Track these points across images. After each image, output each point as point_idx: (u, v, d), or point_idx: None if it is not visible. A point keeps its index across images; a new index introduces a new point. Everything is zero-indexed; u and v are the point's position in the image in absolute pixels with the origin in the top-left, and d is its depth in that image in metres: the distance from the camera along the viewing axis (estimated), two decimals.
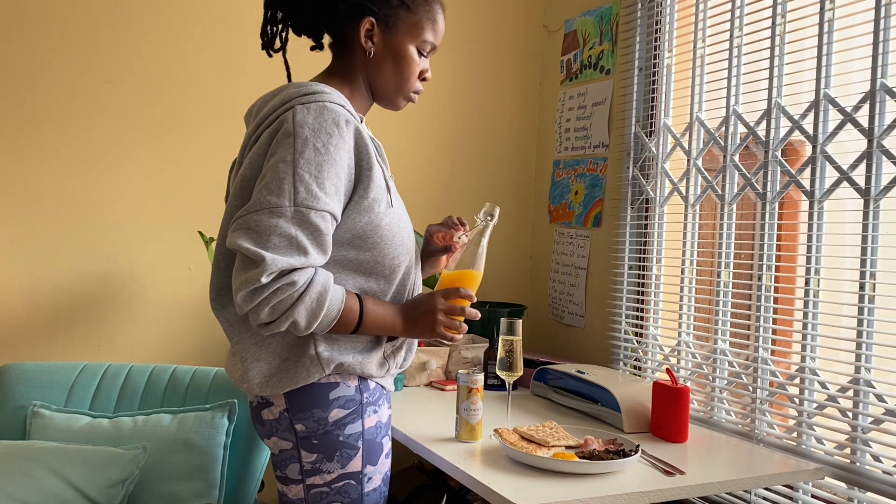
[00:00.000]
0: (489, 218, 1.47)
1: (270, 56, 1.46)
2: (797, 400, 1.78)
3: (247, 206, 1.25)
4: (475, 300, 1.42)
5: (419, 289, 1.48)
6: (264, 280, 1.20)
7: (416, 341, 1.49)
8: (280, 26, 1.43)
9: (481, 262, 1.45)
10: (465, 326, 1.41)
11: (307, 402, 1.34)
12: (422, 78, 1.46)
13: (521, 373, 1.73)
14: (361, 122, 1.43)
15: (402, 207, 1.42)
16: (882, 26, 1.62)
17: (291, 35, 1.46)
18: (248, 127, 1.42)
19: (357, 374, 1.37)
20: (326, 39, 1.48)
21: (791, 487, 1.78)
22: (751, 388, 1.89)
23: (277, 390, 1.34)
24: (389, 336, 1.41)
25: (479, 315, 1.42)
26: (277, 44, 1.45)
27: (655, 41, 2.29)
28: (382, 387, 1.43)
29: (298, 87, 1.33)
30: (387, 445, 1.43)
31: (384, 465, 1.42)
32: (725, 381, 1.99)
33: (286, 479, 1.40)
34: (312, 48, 1.48)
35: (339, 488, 1.37)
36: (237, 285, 1.23)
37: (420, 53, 1.43)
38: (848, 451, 1.66)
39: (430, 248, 1.59)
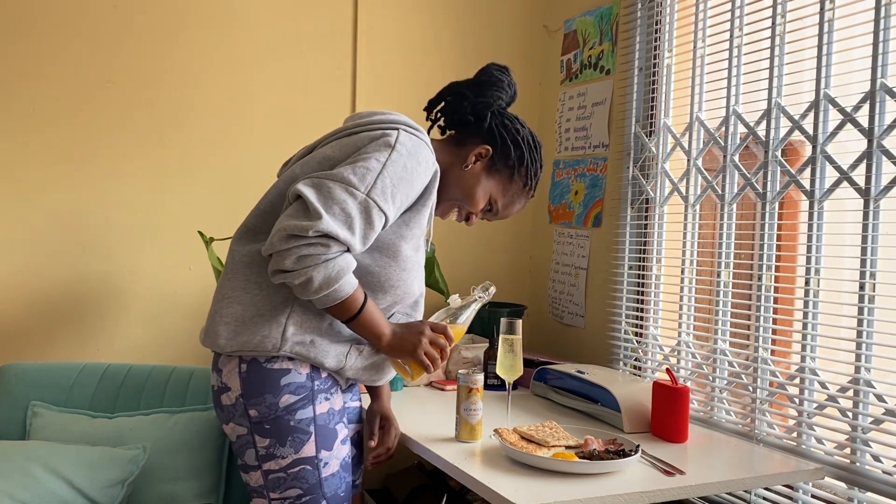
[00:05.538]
0: (483, 294, 1.63)
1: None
2: (797, 400, 1.78)
3: (327, 172, 1.36)
4: (454, 345, 1.57)
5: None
6: (310, 234, 1.30)
7: (385, 363, 1.54)
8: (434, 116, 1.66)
9: (467, 323, 1.60)
10: (440, 363, 1.52)
11: (260, 388, 1.41)
12: (466, 219, 1.63)
13: (521, 373, 1.74)
14: None
15: (423, 260, 1.54)
16: (882, 26, 1.62)
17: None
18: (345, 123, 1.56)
19: (310, 361, 1.43)
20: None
21: (791, 487, 1.78)
22: (751, 388, 1.89)
23: (234, 345, 1.40)
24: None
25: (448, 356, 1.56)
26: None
27: (655, 41, 2.29)
28: (335, 379, 1.49)
29: (409, 120, 1.51)
30: (342, 432, 1.49)
31: (341, 450, 1.48)
32: (725, 381, 1.99)
33: (246, 466, 1.46)
34: (442, 131, 1.69)
35: (296, 473, 1.42)
36: (282, 225, 1.31)
37: (487, 206, 1.61)
38: (848, 451, 1.66)
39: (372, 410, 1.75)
